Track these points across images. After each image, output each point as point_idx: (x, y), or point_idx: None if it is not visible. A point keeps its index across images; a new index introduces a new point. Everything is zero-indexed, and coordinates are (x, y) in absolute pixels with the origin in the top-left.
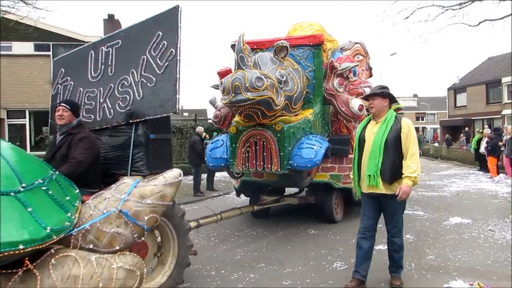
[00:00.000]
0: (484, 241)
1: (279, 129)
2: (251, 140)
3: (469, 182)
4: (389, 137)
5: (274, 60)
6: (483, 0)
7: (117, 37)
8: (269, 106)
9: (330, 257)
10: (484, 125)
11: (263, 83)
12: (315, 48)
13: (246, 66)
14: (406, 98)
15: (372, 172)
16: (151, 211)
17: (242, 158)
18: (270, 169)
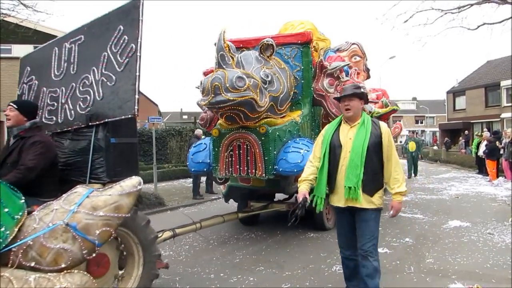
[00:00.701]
0: (483, 245)
1: (263, 131)
2: (234, 144)
3: (468, 185)
4: (370, 143)
5: (260, 59)
6: (481, 4)
7: (80, 32)
8: (251, 108)
9: (329, 260)
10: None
11: (244, 83)
12: (303, 46)
13: (227, 65)
14: (405, 101)
15: (353, 184)
16: (103, 224)
17: (225, 163)
18: (254, 174)
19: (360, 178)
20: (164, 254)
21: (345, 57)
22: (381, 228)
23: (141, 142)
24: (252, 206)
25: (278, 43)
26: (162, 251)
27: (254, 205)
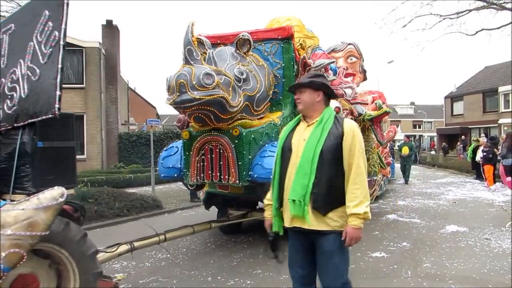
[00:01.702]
0: (480, 250)
1: (237, 134)
2: (206, 147)
3: (466, 190)
4: (326, 146)
5: (235, 55)
6: (480, 10)
7: (11, 21)
8: (222, 108)
9: None
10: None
11: (213, 81)
12: (284, 42)
13: (196, 60)
14: (403, 106)
15: (299, 197)
16: (12, 245)
17: (197, 168)
18: (228, 180)
19: (308, 190)
20: (161, 257)
21: (341, 58)
22: (378, 232)
23: (139, 144)
24: (231, 215)
25: (257, 38)
26: (159, 254)
27: (232, 214)
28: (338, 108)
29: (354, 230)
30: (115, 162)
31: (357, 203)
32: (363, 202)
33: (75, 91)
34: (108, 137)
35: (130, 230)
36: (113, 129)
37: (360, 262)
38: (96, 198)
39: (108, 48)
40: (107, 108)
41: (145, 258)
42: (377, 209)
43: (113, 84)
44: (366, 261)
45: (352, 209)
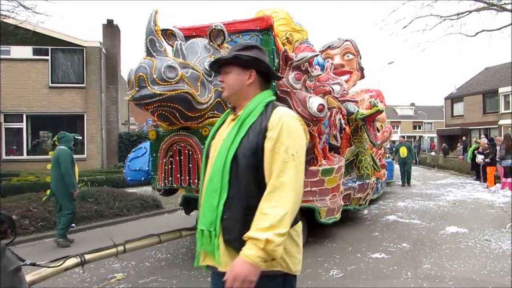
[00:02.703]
0: (480, 251)
1: (206, 134)
2: (174, 148)
3: (466, 191)
4: (242, 148)
5: (208, 47)
6: (480, 11)
7: None
8: (188, 104)
9: (326, 264)
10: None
11: (176, 74)
12: (263, 33)
13: (159, 52)
14: (403, 106)
15: (207, 225)
16: None
17: (164, 171)
18: (197, 185)
19: (218, 214)
20: (161, 257)
21: (337, 55)
22: (378, 233)
23: (139, 144)
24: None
25: (234, 30)
26: (158, 253)
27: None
28: (322, 105)
29: (243, 264)
30: (115, 161)
31: (263, 227)
32: (274, 228)
33: (76, 91)
34: (109, 136)
35: (129, 230)
36: (114, 128)
37: (360, 263)
38: (96, 198)
39: (108, 48)
40: (107, 108)
41: (145, 258)
42: (377, 210)
43: (114, 84)
44: (366, 262)
45: (253, 232)
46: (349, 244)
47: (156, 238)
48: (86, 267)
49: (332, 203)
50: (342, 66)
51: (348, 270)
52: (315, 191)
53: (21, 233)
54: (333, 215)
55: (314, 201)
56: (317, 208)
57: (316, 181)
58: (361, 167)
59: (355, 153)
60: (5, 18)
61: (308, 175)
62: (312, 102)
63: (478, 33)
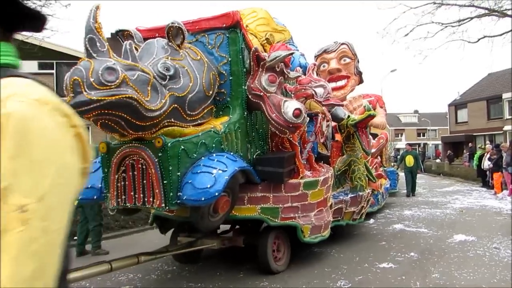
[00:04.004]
0: (489, 259)
1: (160, 145)
2: (126, 162)
3: (473, 198)
4: None
5: (166, 48)
6: (481, 17)
7: None
8: (134, 112)
9: (334, 275)
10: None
11: (117, 77)
12: (230, 31)
13: (100, 52)
14: (407, 114)
15: None
16: None
17: (117, 188)
18: (152, 204)
19: None
20: (167, 269)
21: (333, 59)
22: (385, 242)
23: None
24: (179, 242)
25: (199, 28)
26: (165, 266)
27: (181, 240)
28: (298, 110)
29: None
30: None
31: None
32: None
33: None
34: None
35: (135, 242)
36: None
37: (367, 273)
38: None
39: None
40: None
41: (151, 270)
42: (383, 219)
43: None
44: (374, 272)
45: None
46: (356, 254)
47: (107, 265)
48: (92, 280)
49: (317, 220)
50: (339, 71)
51: (356, 280)
52: (297, 206)
53: None
54: (320, 233)
55: (296, 218)
56: (299, 225)
57: (298, 196)
58: (354, 178)
59: (347, 162)
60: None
61: (289, 188)
62: (288, 107)
63: (480, 39)
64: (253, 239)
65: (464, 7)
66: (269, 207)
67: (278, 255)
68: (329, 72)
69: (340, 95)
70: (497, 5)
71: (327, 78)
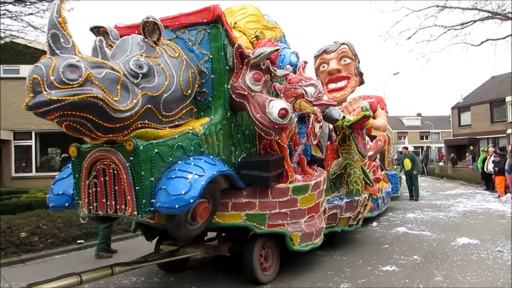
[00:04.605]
0: (493, 262)
1: (131, 148)
2: (98, 167)
3: (476, 201)
4: None
5: (142, 45)
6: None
7: None
8: (101, 113)
9: (337, 278)
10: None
11: (80, 75)
12: (210, 26)
13: (64, 49)
14: (410, 117)
15: None
16: None
17: (88, 195)
18: (124, 211)
19: None
20: (171, 272)
21: (333, 60)
22: (388, 245)
23: None
24: (161, 250)
25: (179, 24)
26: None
27: (163, 249)
28: (284, 110)
29: None
30: None
31: None
32: None
33: None
34: None
35: (138, 246)
36: None
37: (370, 276)
38: None
39: None
40: None
41: (154, 273)
42: (387, 222)
43: None
44: (377, 275)
45: None
46: (359, 257)
47: (76, 278)
48: (95, 283)
49: (308, 227)
50: (339, 71)
51: (359, 283)
52: (286, 213)
53: (31, 250)
54: (311, 241)
55: (285, 225)
56: (288, 233)
57: (287, 201)
58: (349, 182)
59: (342, 165)
60: (14, 38)
61: (277, 194)
62: (273, 107)
63: (483, 43)
64: (239, 248)
65: (467, 10)
66: (255, 214)
67: (265, 265)
68: (328, 72)
69: (340, 97)
70: (500, 8)
71: (326, 79)
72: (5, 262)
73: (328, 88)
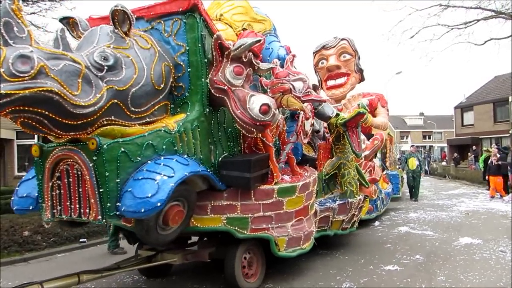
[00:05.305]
0: (495, 262)
1: (94, 147)
2: (61, 168)
3: (478, 201)
4: None
5: (111, 35)
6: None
7: None
8: (58, 108)
9: (339, 277)
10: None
11: (32, 66)
12: (187, 16)
13: (18, 39)
14: (412, 116)
15: None
16: None
17: (51, 197)
18: (88, 216)
19: None
20: (173, 270)
21: (333, 56)
22: (390, 244)
23: None
24: (139, 256)
25: (154, 14)
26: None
27: (141, 254)
28: (266, 106)
29: None
30: None
31: None
32: None
33: None
34: None
35: None
36: None
37: (373, 276)
38: None
39: None
40: None
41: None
42: (389, 222)
43: None
44: (379, 275)
45: None
46: (361, 256)
47: (37, 286)
48: (97, 281)
49: (296, 231)
50: (338, 68)
51: (361, 282)
52: (271, 216)
53: (34, 249)
54: (299, 246)
55: (270, 229)
56: (272, 238)
57: (272, 204)
58: (343, 183)
59: (336, 165)
60: None
61: (260, 196)
62: (253, 102)
63: (486, 42)
64: (220, 253)
65: (470, 9)
66: (236, 217)
67: (249, 271)
68: (327, 69)
69: (339, 94)
70: (504, 7)
71: (325, 76)
72: (8, 261)
73: (327, 85)
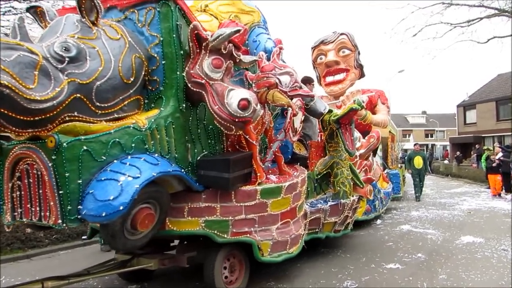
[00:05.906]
0: (497, 261)
1: (52, 146)
2: (21, 167)
3: (481, 200)
4: None
5: (77, 25)
6: (491, 18)
7: None
8: (10, 103)
9: (340, 275)
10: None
11: None
12: (160, 4)
13: None
14: (415, 115)
15: None
16: None
17: (12, 199)
18: (48, 219)
19: None
20: (177, 269)
21: (331, 51)
22: (392, 243)
23: None
24: (115, 260)
25: (128, 3)
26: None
27: (117, 258)
28: (245, 101)
29: None
30: None
31: None
32: None
33: None
34: None
35: None
36: None
37: (374, 274)
38: None
39: None
40: None
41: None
42: (390, 220)
43: None
44: (381, 273)
45: None
46: (363, 255)
47: None
48: (100, 279)
49: (281, 234)
50: (337, 63)
51: (363, 281)
52: (253, 219)
53: (36, 246)
54: (285, 250)
55: (252, 232)
56: (255, 242)
57: (254, 206)
58: (336, 183)
59: (329, 165)
60: None
61: (242, 197)
62: (232, 97)
63: (489, 40)
64: (200, 258)
65: (473, 7)
66: (216, 220)
67: (231, 277)
68: (326, 64)
69: (338, 90)
70: (507, 5)
71: (324, 71)
72: (11, 258)
73: (325, 81)
